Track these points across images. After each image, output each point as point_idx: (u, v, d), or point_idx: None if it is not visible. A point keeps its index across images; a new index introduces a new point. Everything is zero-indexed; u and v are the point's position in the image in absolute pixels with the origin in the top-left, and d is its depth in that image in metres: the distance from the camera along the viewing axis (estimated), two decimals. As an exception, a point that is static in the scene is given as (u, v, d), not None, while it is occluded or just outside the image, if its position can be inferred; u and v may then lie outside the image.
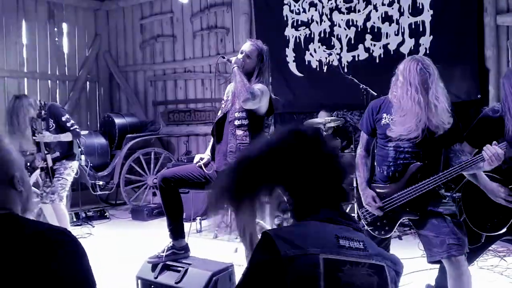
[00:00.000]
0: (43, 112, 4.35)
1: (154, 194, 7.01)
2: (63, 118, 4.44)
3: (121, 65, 8.31)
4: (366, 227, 2.60)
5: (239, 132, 3.04)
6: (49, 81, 7.70)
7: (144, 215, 6.23)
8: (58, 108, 4.57)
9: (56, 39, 7.74)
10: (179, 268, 2.85)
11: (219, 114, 3.24)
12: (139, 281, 2.99)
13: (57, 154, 4.44)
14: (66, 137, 4.41)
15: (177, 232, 3.21)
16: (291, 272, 1.12)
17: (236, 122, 3.07)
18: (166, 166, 6.79)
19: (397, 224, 2.55)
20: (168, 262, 2.94)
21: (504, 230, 2.44)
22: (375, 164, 2.68)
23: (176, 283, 2.76)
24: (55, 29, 7.73)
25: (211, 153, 3.25)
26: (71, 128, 4.42)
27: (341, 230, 1.23)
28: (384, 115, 2.56)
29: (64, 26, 7.91)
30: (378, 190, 2.56)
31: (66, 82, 7.89)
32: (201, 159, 3.22)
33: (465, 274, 2.39)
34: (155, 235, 5.40)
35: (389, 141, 2.52)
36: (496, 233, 2.47)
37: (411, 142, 2.45)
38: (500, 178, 2.45)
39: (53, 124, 4.41)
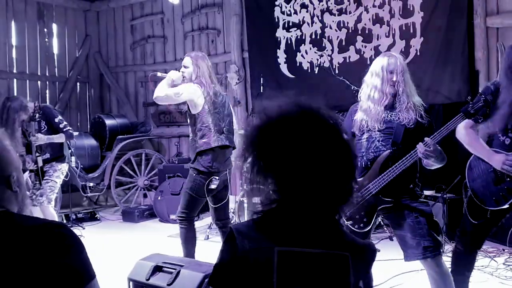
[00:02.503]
0: (37, 114, 4.30)
1: (145, 196, 6.98)
2: (56, 120, 4.41)
3: (111, 66, 8.27)
4: (345, 222, 2.64)
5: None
6: (38, 81, 7.63)
7: (135, 217, 6.19)
8: (51, 110, 4.55)
9: (46, 39, 7.68)
10: (171, 270, 2.83)
11: None
12: (130, 283, 2.97)
13: (47, 155, 4.41)
14: (59, 138, 4.39)
15: None
16: (247, 266, 1.16)
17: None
18: (157, 167, 6.77)
19: (375, 216, 2.60)
20: (159, 264, 2.92)
21: (507, 205, 2.45)
22: None
23: (168, 285, 2.74)
24: (45, 29, 7.67)
25: None
26: (64, 130, 4.41)
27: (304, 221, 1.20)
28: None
29: (54, 26, 7.86)
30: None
31: (56, 83, 7.83)
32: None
33: (444, 273, 2.48)
34: (146, 237, 5.38)
35: (363, 133, 2.63)
36: (500, 208, 2.48)
37: (382, 132, 2.56)
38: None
39: (45, 126, 4.39)
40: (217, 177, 3.59)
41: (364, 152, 2.61)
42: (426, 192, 4.93)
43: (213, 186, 3.59)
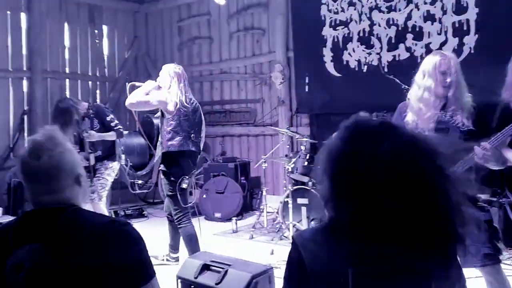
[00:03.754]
0: (90, 111, 4.45)
1: (190, 194, 7.04)
2: (108, 118, 4.53)
3: (159, 67, 8.37)
4: None
5: None
6: (89, 82, 7.88)
7: (181, 215, 6.27)
8: (103, 108, 4.68)
9: (97, 41, 7.92)
10: (219, 269, 2.84)
11: None
12: (179, 280, 3.00)
13: (99, 153, 4.52)
14: (110, 136, 4.51)
15: None
16: (319, 286, 1.10)
17: None
18: (202, 166, 6.84)
19: None
20: (207, 262, 2.94)
21: None
22: None
23: (217, 284, 2.75)
24: (96, 31, 7.91)
25: None
26: (115, 128, 4.52)
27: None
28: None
29: (104, 28, 8.09)
30: None
31: (106, 83, 8.06)
32: None
33: (503, 281, 2.41)
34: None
35: None
36: None
37: (436, 133, 2.48)
38: None
39: (98, 124, 4.51)
40: (187, 177, 3.76)
41: None
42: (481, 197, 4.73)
43: (184, 185, 3.75)
